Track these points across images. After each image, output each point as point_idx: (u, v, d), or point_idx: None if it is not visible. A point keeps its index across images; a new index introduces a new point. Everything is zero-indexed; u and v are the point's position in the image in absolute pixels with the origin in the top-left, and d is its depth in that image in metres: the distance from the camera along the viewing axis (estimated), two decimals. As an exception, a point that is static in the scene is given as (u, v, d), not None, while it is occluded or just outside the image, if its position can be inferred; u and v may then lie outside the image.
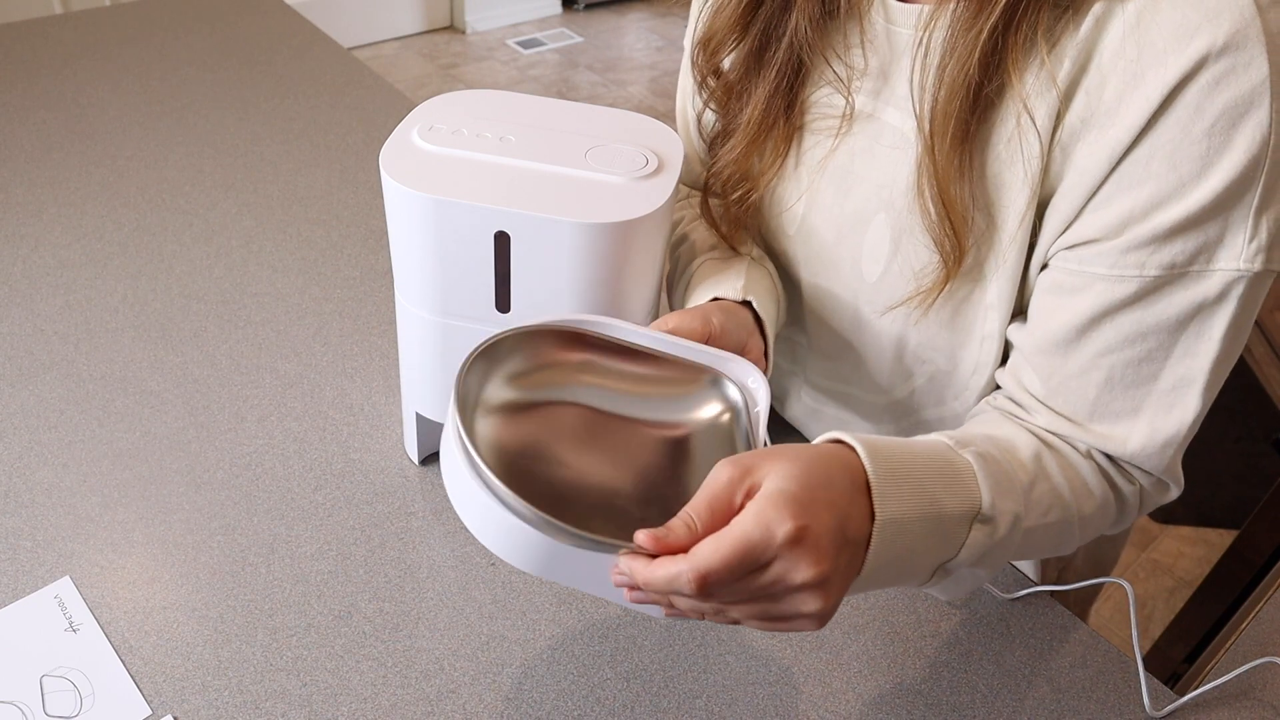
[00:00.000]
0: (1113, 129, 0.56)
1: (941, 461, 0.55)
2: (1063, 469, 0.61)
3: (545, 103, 0.76)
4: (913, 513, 0.52)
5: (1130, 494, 0.64)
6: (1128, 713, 0.68)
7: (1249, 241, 0.55)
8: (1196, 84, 0.53)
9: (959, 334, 0.69)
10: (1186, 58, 0.52)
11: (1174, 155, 0.54)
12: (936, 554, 0.55)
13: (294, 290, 1.02)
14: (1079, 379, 0.62)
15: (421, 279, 0.70)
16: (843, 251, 0.71)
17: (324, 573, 0.74)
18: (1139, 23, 0.54)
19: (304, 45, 1.50)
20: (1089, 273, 0.59)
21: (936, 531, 0.54)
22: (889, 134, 0.67)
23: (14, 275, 1.01)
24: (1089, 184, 0.58)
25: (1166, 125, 0.54)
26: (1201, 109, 0.53)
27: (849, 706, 0.68)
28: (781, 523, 0.46)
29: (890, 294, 0.69)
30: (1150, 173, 0.55)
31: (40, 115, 1.28)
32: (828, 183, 0.71)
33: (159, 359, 0.92)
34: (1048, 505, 0.60)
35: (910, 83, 0.62)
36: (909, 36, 0.64)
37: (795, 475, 0.48)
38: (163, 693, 0.66)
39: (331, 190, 1.18)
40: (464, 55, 3.62)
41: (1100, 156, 0.56)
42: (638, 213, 0.65)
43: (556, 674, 0.68)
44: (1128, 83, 0.55)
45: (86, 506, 0.78)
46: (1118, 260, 0.58)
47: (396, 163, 0.67)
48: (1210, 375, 0.59)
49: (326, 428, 0.86)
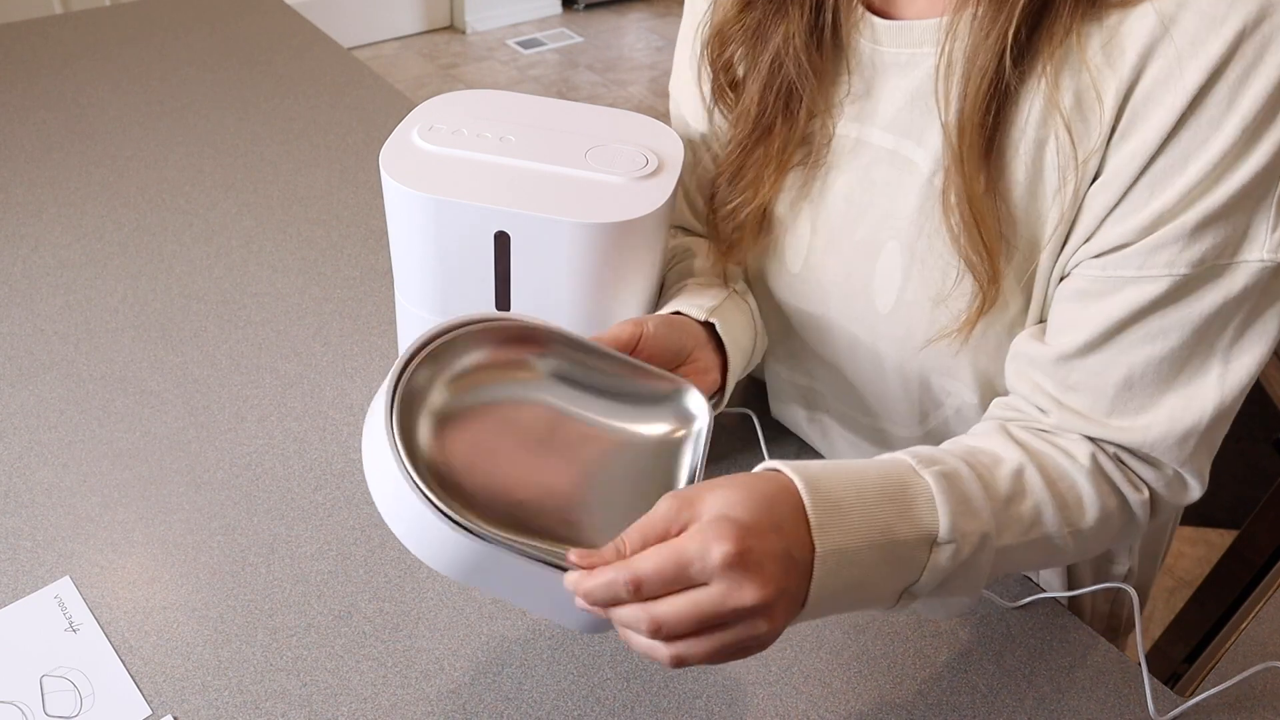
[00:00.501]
0: (1143, 130, 0.55)
1: (896, 486, 0.54)
2: (1048, 484, 0.60)
3: (545, 103, 0.76)
4: (857, 541, 0.51)
5: (1137, 500, 0.62)
6: (1129, 715, 0.68)
7: (1272, 231, 0.55)
8: (1226, 78, 0.52)
9: (982, 358, 0.67)
10: (1212, 53, 0.52)
11: (1204, 152, 0.54)
12: (896, 579, 0.54)
13: (294, 290, 1.02)
14: (1098, 378, 0.60)
15: (421, 279, 0.70)
16: (854, 285, 0.70)
17: (324, 573, 0.74)
18: (1175, 17, 0.53)
19: (304, 45, 1.50)
20: (1117, 276, 0.58)
21: (890, 558, 0.53)
22: (885, 159, 0.66)
23: (14, 275, 1.01)
24: (1117, 189, 0.57)
25: (1199, 123, 0.53)
26: (1233, 103, 0.53)
27: (849, 706, 0.68)
28: (719, 542, 0.46)
29: (906, 325, 0.68)
30: (1182, 172, 0.55)
31: (40, 115, 1.28)
32: (830, 216, 0.70)
33: (159, 359, 0.92)
34: (1029, 522, 0.59)
35: (935, 94, 0.61)
36: (894, 56, 0.63)
37: (737, 502, 0.48)
38: (163, 693, 0.66)
39: (331, 190, 1.18)
40: (464, 55, 3.62)
41: (1131, 159, 0.56)
42: (638, 213, 0.65)
43: (556, 674, 0.68)
44: (1161, 79, 0.54)
45: (86, 506, 0.78)
46: (1146, 261, 0.57)
47: (396, 163, 0.67)
48: (1230, 368, 0.58)
49: (326, 428, 0.86)
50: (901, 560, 0.53)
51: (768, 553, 0.48)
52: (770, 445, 0.86)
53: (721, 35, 0.70)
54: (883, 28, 0.63)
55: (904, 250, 0.66)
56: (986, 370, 0.68)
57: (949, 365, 0.68)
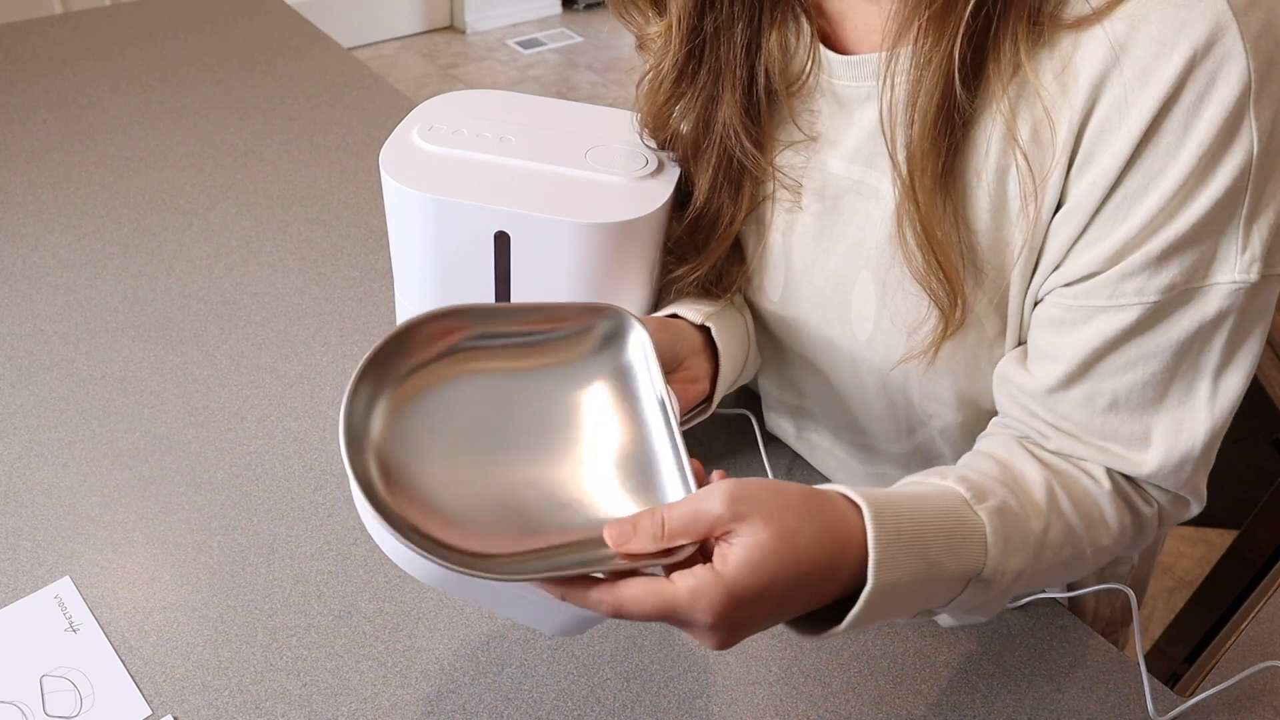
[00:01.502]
0: (1101, 159, 0.55)
1: (954, 521, 0.54)
2: (1076, 504, 0.60)
3: (545, 103, 0.76)
4: (909, 575, 0.51)
5: (1149, 515, 0.63)
6: (1129, 715, 0.68)
7: (1241, 253, 0.54)
8: (1180, 104, 0.52)
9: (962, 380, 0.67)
10: (1165, 79, 0.51)
11: (1163, 179, 0.53)
12: (923, 604, 0.54)
13: (294, 290, 1.02)
14: (1084, 407, 0.60)
15: (421, 279, 0.70)
16: (831, 313, 0.70)
17: (324, 573, 0.74)
18: (1126, 43, 0.53)
19: (304, 45, 1.50)
20: (1088, 306, 0.58)
21: (929, 590, 0.53)
22: (852, 189, 0.65)
23: (14, 275, 1.01)
24: (1080, 218, 0.56)
25: (1155, 151, 0.53)
26: (1188, 129, 0.52)
27: (849, 706, 0.68)
28: (710, 610, 0.47)
29: (884, 351, 0.68)
30: (1142, 201, 0.54)
31: (40, 115, 1.28)
32: (803, 248, 0.70)
33: (159, 359, 0.92)
34: (1060, 544, 0.59)
35: (880, 123, 0.61)
36: (854, 89, 0.63)
37: (773, 549, 0.47)
38: (163, 693, 0.66)
39: (331, 190, 1.18)
40: (464, 55, 3.62)
41: (1092, 188, 0.55)
42: (638, 213, 0.65)
43: (556, 674, 0.68)
44: (1116, 108, 0.53)
45: (86, 506, 0.78)
46: (1115, 290, 0.56)
47: (396, 163, 0.67)
48: (1219, 389, 0.58)
49: (326, 428, 0.86)
50: (937, 590, 0.54)
51: (750, 620, 0.48)
52: (768, 446, 0.86)
53: (656, 120, 0.70)
54: (838, 63, 0.63)
55: (876, 280, 0.66)
56: (967, 391, 0.68)
57: (929, 387, 0.68)
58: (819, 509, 0.50)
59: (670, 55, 0.65)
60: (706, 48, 0.64)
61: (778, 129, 0.68)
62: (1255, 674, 0.69)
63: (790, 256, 0.71)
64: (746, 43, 0.64)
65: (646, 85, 0.69)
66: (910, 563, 0.51)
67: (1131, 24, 0.52)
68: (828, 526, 0.50)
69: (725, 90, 0.65)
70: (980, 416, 0.69)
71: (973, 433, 0.70)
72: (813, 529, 0.49)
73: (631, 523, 0.49)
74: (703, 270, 0.71)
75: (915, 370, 0.67)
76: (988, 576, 0.54)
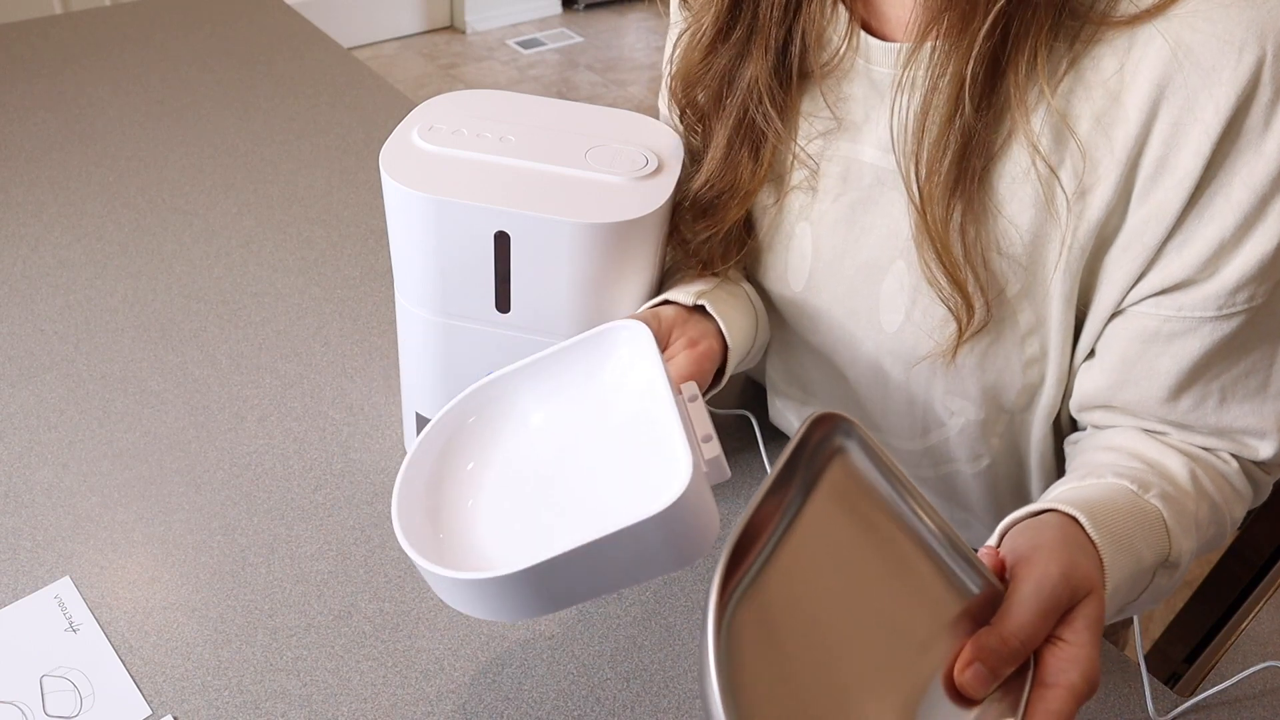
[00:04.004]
0: (1179, 158, 0.54)
1: (1140, 514, 0.55)
2: (1215, 482, 0.62)
3: (545, 103, 0.76)
4: (1124, 572, 0.53)
5: (1266, 481, 0.66)
6: (1129, 715, 0.68)
7: None
8: (1258, 101, 0.52)
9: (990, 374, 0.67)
10: (1239, 76, 0.51)
11: (1252, 176, 0.53)
12: (1123, 600, 0.55)
13: (294, 290, 1.02)
14: (1197, 410, 0.61)
15: (421, 279, 0.70)
16: (857, 304, 0.70)
17: (324, 573, 0.74)
18: (1188, 44, 0.52)
19: (304, 45, 1.50)
20: (1193, 317, 0.58)
21: (1130, 585, 0.54)
22: (888, 179, 0.65)
23: (14, 275, 1.01)
24: (1163, 225, 0.56)
25: (1238, 148, 0.53)
26: (1269, 123, 0.52)
27: (849, 707, 0.68)
28: (1088, 682, 0.46)
29: (912, 343, 0.68)
30: (1230, 200, 0.54)
31: (40, 115, 1.28)
32: (833, 236, 0.69)
33: (159, 359, 0.92)
34: (1208, 522, 0.61)
35: (890, 129, 0.61)
36: (890, 75, 0.62)
37: (1096, 616, 0.48)
38: (163, 693, 0.66)
39: (331, 190, 1.18)
40: (464, 55, 3.62)
41: (1177, 189, 0.55)
42: (638, 213, 0.65)
43: (556, 674, 0.68)
44: (1186, 108, 0.53)
45: (86, 506, 0.78)
46: (1226, 301, 0.57)
47: (396, 163, 0.67)
48: None
49: (326, 428, 0.86)
50: (1137, 584, 0.55)
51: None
52: (768, 447, 0.86)
53: (687, 78, 0.70)
54: (877, 48, 0.63)
55: (911, 269, 0.65)
56: (993, 386, 0.67)
57: (954, 382, 0.68)
58: (1068, 539, 0.51)
59: (713, 10, 0.65)
60: (745, 5, 0.65)
61: (804, 102, 0.67)
62: (1255, 674, 0.69)
63: (819, 245, 0.70)
64: (786, 3, 0.64)
65: (686, 40, 0.69)
66: (1124, 561, 0.53)
67: (1189, 23, 0.52)
68: (1081, 547, 0.51)
69: (756, 49, 0.65)
70: (999, 414, 0.69)
71: (991, 432, 0.70)
72: (1084, 556, 0.51)
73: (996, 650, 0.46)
74: (722, 229, 0.70)
75: (941, 364, 0.67)
76: (1174, 560, 0.56)
